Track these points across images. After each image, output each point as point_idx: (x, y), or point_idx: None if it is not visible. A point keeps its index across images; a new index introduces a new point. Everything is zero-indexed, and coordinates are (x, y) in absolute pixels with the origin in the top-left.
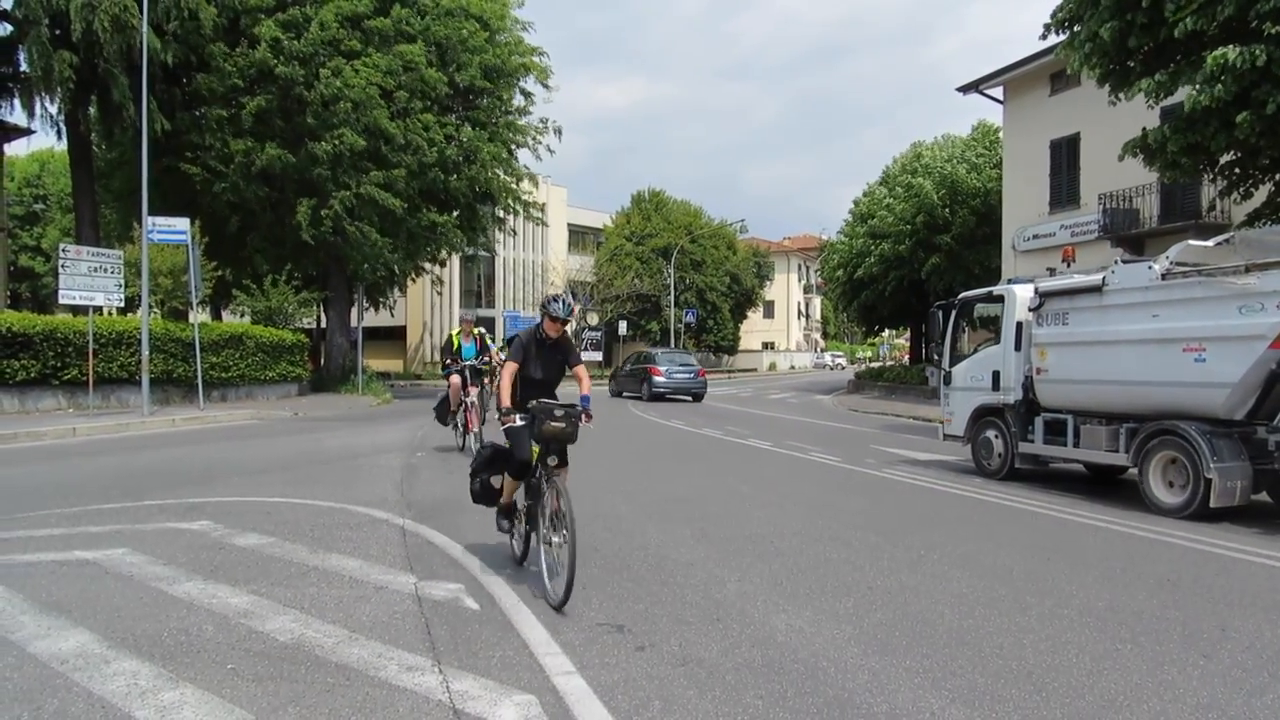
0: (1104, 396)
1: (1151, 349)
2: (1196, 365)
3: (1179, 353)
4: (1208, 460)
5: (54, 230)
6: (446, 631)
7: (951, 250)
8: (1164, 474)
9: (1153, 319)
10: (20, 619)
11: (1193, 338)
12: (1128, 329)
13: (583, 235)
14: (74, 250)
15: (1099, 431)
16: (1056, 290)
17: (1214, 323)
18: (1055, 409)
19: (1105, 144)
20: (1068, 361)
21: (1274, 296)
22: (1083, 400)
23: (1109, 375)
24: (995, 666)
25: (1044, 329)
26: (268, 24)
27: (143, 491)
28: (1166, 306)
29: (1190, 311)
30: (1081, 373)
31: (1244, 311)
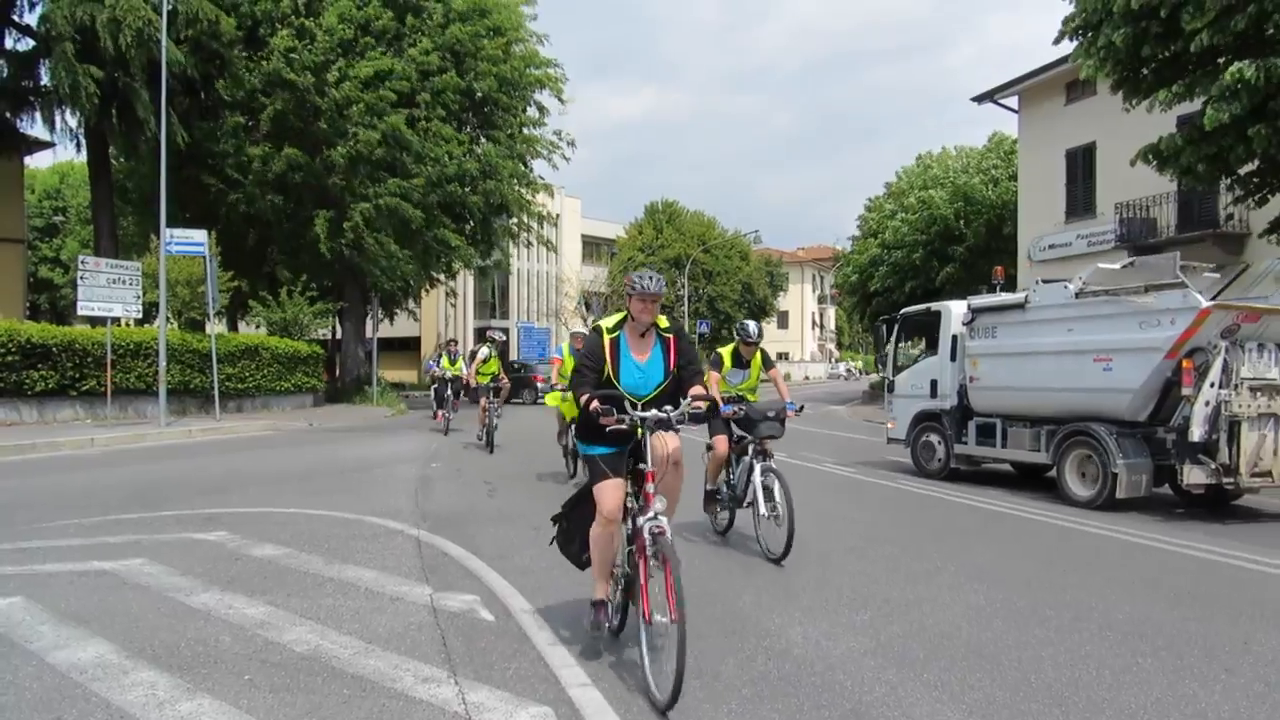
0: (1028, 402)
1: (1067, 359)
2: (1105, 373)
3: (1090, 362)
4: (1115, 457)
5: (73, 242)
6: (462, 643)
7: (966, 260)
8: (1078, 470)
9: (1068, 333)
10: (40, 629)
11: (1102, 349)
12: (1047, 342)
13: (597, 246)
14: (93, 262)
15: (1023, 433)
16: (987, 307)
17: (1119, 336)
18: (986, 414)
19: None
20: (996, 371)
21: (1168, 314)
22: (1010, 405)
23: (1032, 383)
24: (1014, 680)
25: (976, 342)
26: (281, 34)
27: (160, 502)
28: (1079, 322)
29: (1099, 326)
30: (1008, 381)
31: (1143, 326)
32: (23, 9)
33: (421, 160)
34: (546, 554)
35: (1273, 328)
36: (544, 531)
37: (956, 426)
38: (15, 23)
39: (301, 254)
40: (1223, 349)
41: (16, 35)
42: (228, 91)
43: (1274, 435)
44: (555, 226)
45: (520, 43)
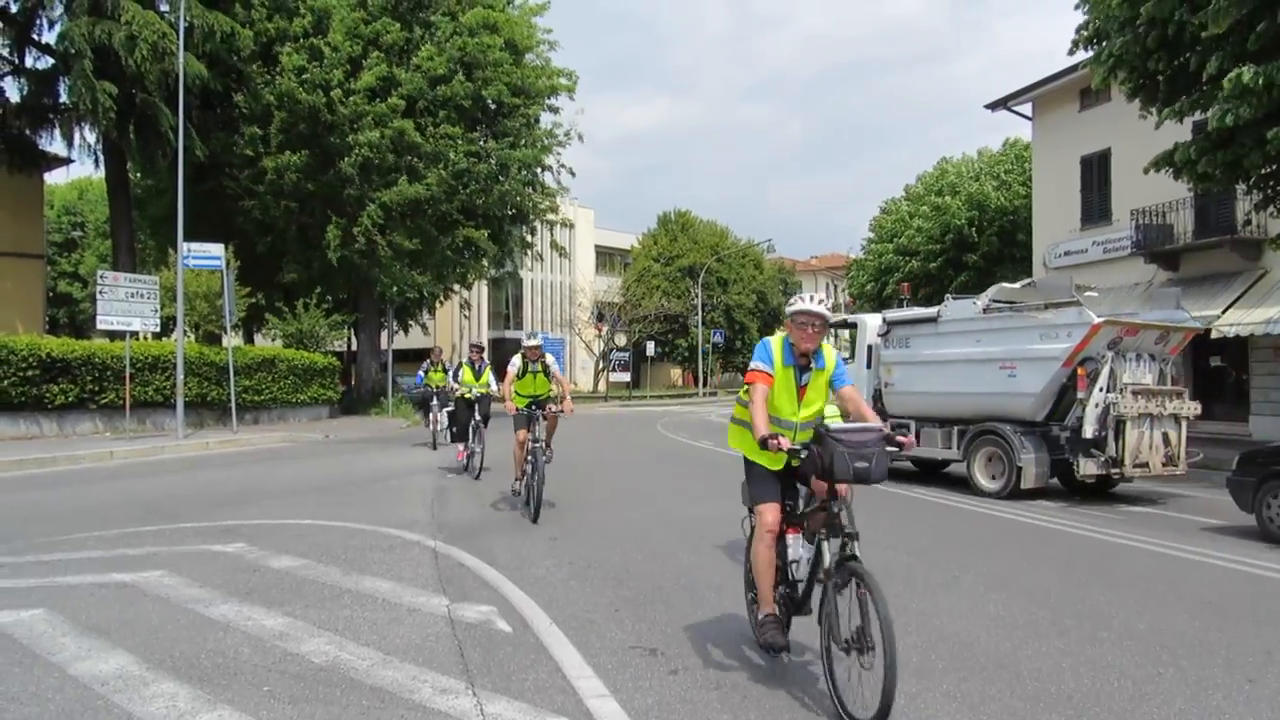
0: (940, 405)
1: (976, 367)
2: (1009, 379)
3: (997, 369)
4: (1019, 452)
5: (91, 256)
6: (480, 654)
7: (980, 268)
8: (986, 465)
9: (976, 344)
10: (61, 641)
11: (1007, 358)
12: (957, 351)
13: (610, 256)
14: (111, 276)
15: (935, 433)
16: (901, 320)
17: (1022, 347)
18: (900, 416)
19: (1137, 159)
20: (910, 377)
21: (1065, 328)
22: (923, 408)
23: (943, 388)
24: (1034, 691)
25: (891, 351)
26: (291, 55)
27: (178, 514)
28: (987, 334)
29: (1005, 338)
30: (921, 386)
31: (1043, 339)
32: (42, 28)
33: (433, 162)
34: (563, 564)
35: (1146, 340)
36: (560, 541)
37: None
38: (35, 41)
39: (315, 265)
40: (1109, 358)
41: (36, 54)
42: (245, 105)
43: (1150, 432)
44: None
45: (532, 51)
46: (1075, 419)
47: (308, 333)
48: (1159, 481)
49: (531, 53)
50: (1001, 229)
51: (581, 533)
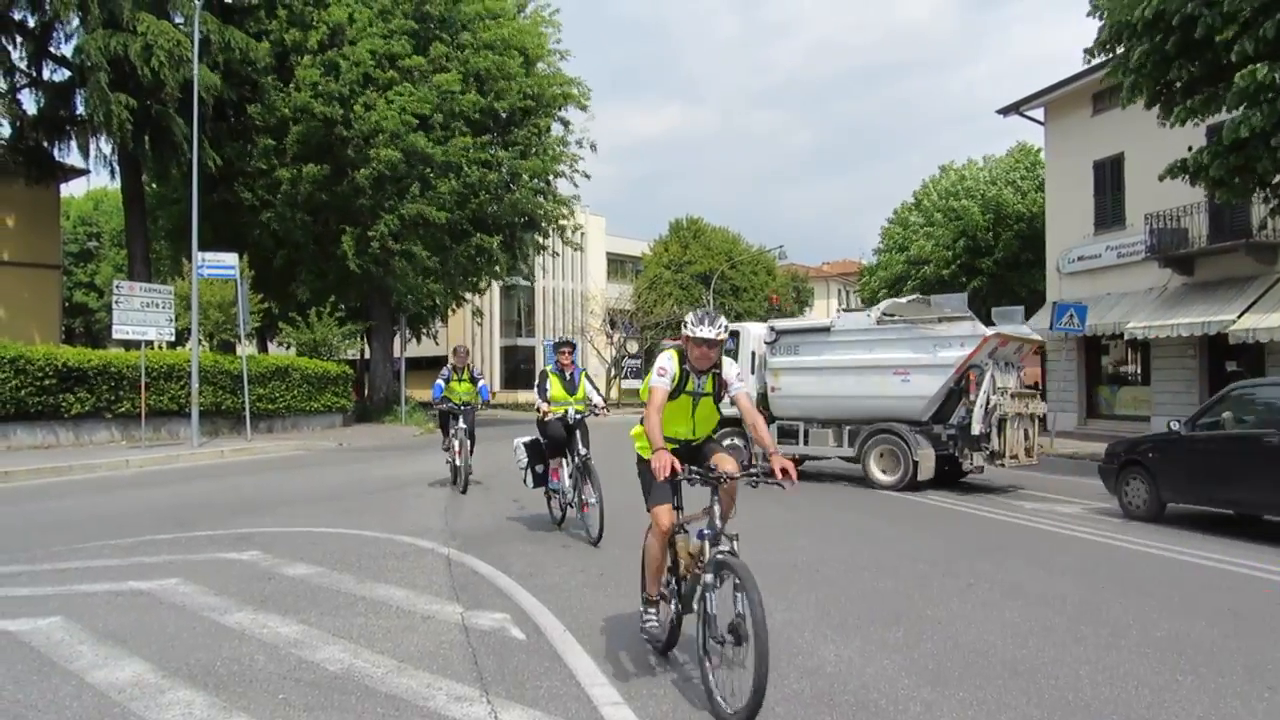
0: (830, 407)
1: (870, 373)
2: (903, 384)
3: (890, 375)
4: (915, 449)
5: (107, 266)
6: (494, 662)
7: (995, 274)
8: (879, 461)
9: (870, 352)
10: (79, 648)
11: (901, 365)
12: (851, 358)
13: (622, 263)
14: (127, 286)
15: (825, 433)
16: (790, 329)
17: (917, 355)
18: (787, 418)
19: (1150, 164)
20: (798, 382)
21: (957, 339)
22: (811, 410)
23: (835, 392)
24: (1050, 699)
25: (779, 358)
26: (307, 69)
27: (194, 522)
28: (880, 344)
29: (899, 347)
30: (811, 390)
31: (937, 348)
32: (59, 40)
33: (445, 173)
34: (576, 572)
35: (1010, 350)
36: (573, 549)
37: None
38: (52, 54)
39: (329, 274)
40: (991, 365)
41: (53, 66)
42: (260, 117)
43: (1020, 429)
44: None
45: (543, 61)
46: (960, 418)
47: (321, 341)
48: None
49: (542, 62)
50: (1019, 233)
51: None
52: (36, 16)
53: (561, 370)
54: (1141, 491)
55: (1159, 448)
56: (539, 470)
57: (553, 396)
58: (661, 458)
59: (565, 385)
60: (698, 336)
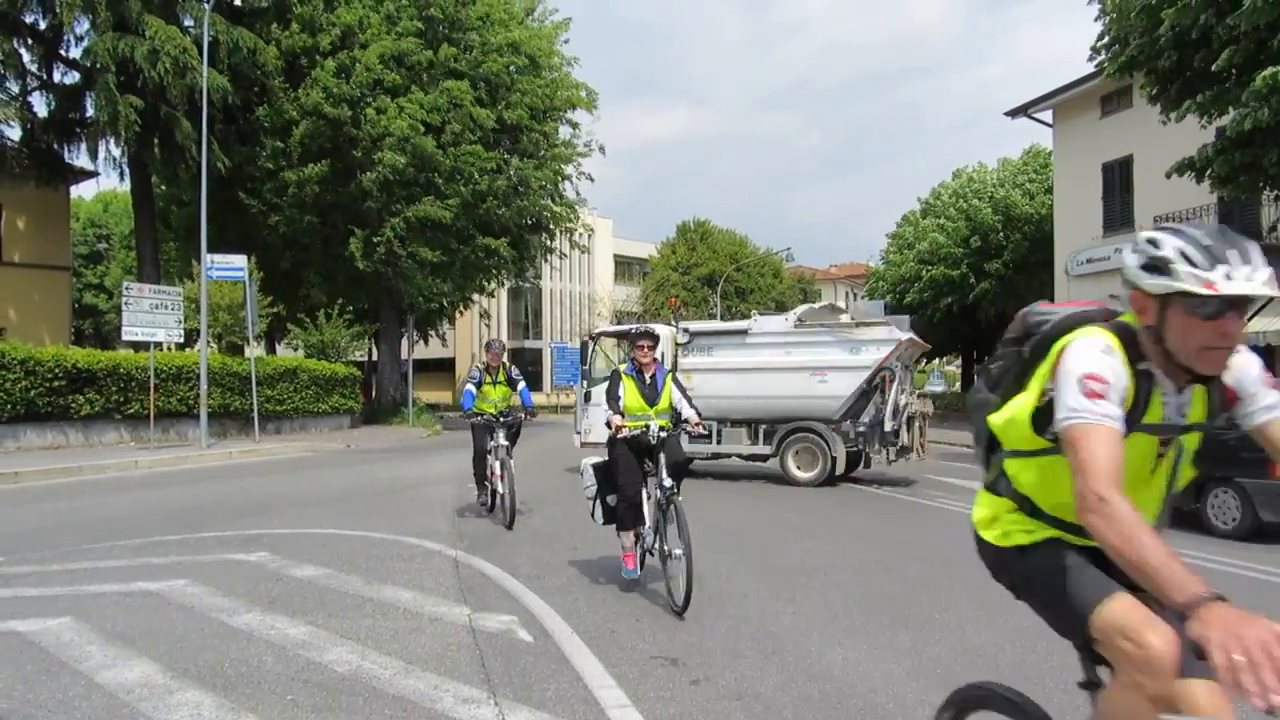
0: (746, 407)
1: (788, 374)
2: (821, 385)
3: (808, 376)
4: (833, 446)
5: (116, 268)
6: (501, 664)
7: (1003, 275)
8: (795, 458)
9: (787, 354)
10: (88, 649)
11: (818, 366)
12: (769, 360)
13: (629, 266)
14: (136, 288)
15: (739, 432)
16: (705, 331)
17: (834, 357)
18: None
19: (1159, 166)
20: (712, 383)
21: (873, 343)
22: (726, 410)
23: (752, 392)
24: (1061, 703)
25: (692, 358)
26: (321, 71)
27: (202, 523)
28: (798, 346)
29: (816, 350)
30: (726, 391)
31: (854, 350)
32: (69, 43)
33: (453, 179)
34: (584, 574)
35: (911, 353)
36: (581, 551)
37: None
38: (62, 56)
39: (337, 276)
40: (899, 367)
41: (63, 69)
42: (267, 119)
43: (919, 425)
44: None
45: (552, 69)
46: (872, 416)
47: (329, 343)
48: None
49: (550, 68)
50: (1027, 235)
51: (602, 543)
52: (47, 19)
53: (639, 371)
54: None
55: None
56: (612, 502)
57: (627, 407)
58: None
59: (644, 391)
60: None
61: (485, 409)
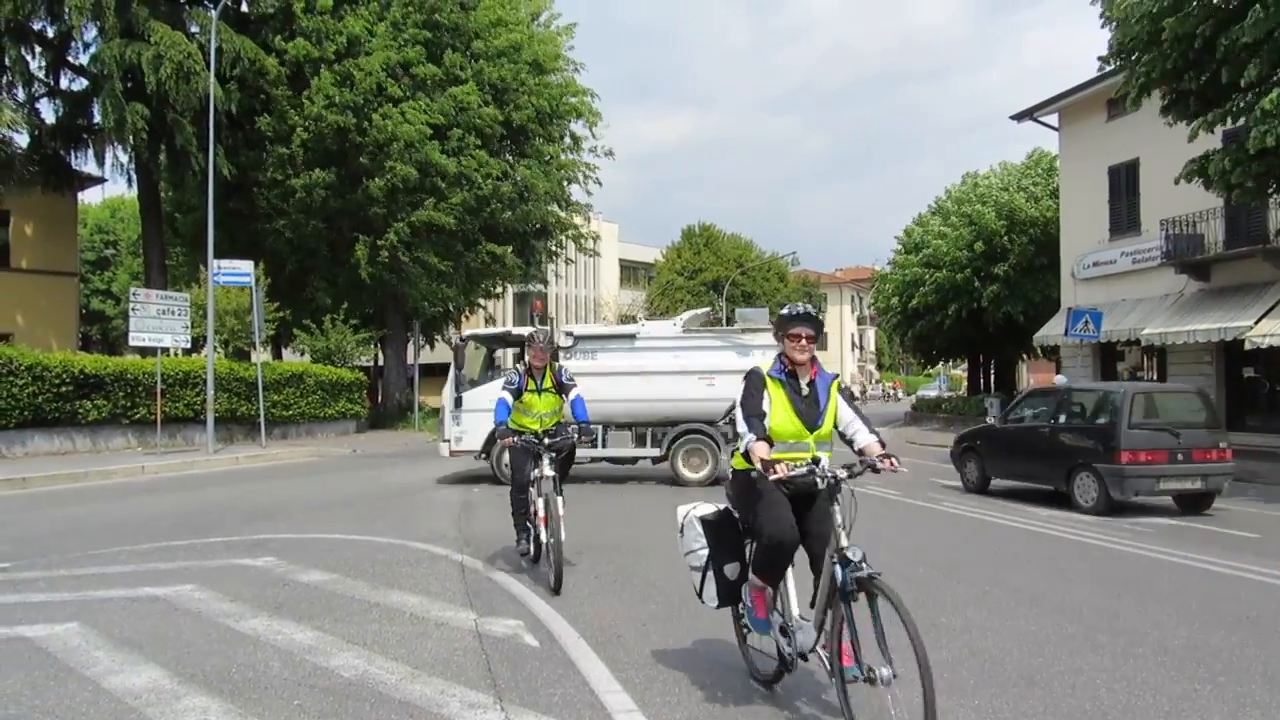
0: (633, 410)
1: (678, 378)
2: (708, 388)
3: (696, 380)
4: (723, 447)
5: (124, 274)
6: (507, 669)
7: (1010, 279)
8: (686, 460)
9: (676, 358)
10: (95, 654)
11: (707, 370)
12: (658, 364)
13: (634, 270)
14: (144, 294)
15: (624, 435)
16: (591, 335)
17: (722, 361)
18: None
19: (1166, 169)
20: (597, 387)
21: (760, 348)
22: (611, 414)
23: (640, 396)
24: (1067, 708)
25: (576, 362)
26: (322, 80)
27: (209, 528)
28: (687, 351)
29: (705, 355)
30: (612, 394)
31: (740, 354)
32: (77, 50)
33: (457, 184)
34: (590, 579)
35: None
36: (586, 556)
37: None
38: (70, 63)
39: (342, 281)
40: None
41: (71, 76)
42: (270, 128)
43: None
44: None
45: (557, 73)
46: None
47: (335, 348)
48: None
49: (556, 73)
50: (1033, 239)
51: (608, 547)
52: (55, 27)
53: (792, 373)
54: (974, 470)
55: (983, 436)
56: (730, 573)
57: (775, 429)
58: None
59: (799, 405)
60: None
61: (526, 425)
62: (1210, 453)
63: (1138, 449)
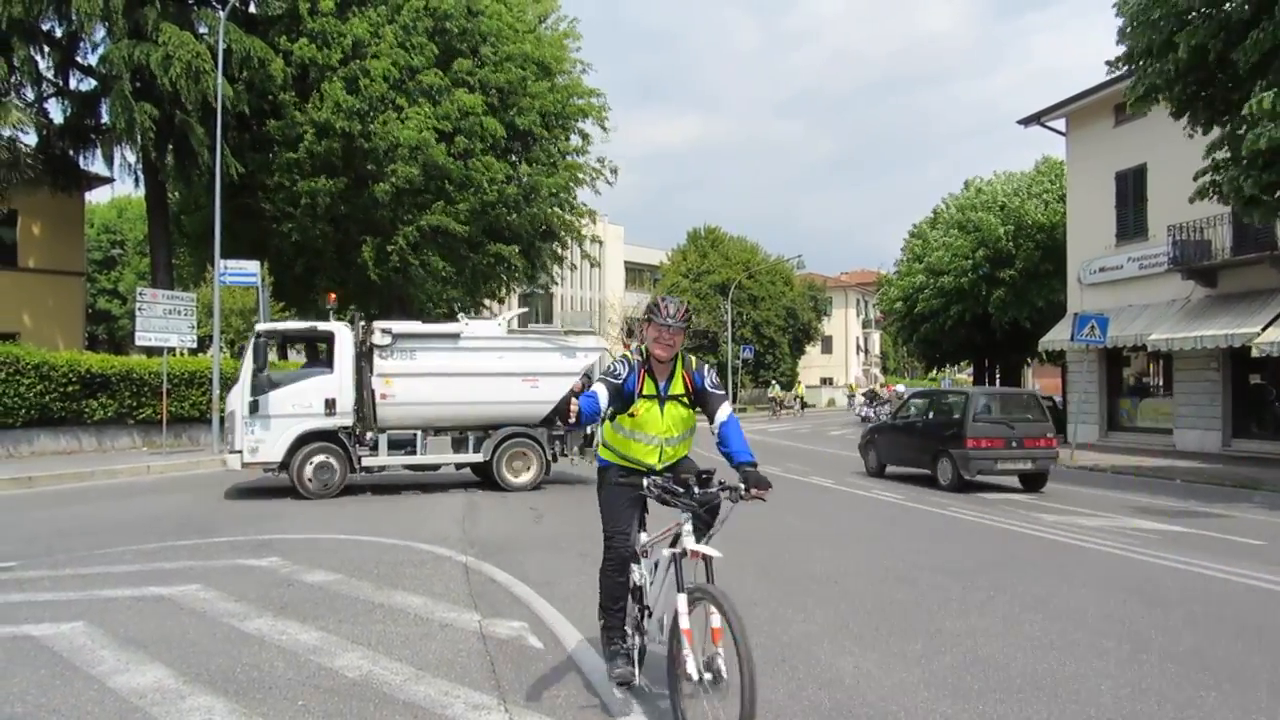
0: (453, 414)
1: (502, 380)
2: (532, 390)
3: (519, 382)
4: (549, 450)
5: (130, 273)
6: (511, 670)
7: (1015, 284)
8: (510, 464)
9: (500, 359)
10: (100, 654)
11: (530, 373)
12: (481, 365)
13: (640, 272)
14: (150, 294)
15: (443, 440)
16: (411, 333)
17: (546, 363)
18: (401, 427)
19: (1173, 175)
20: (416, 389)
21: (584, 350)
22: (430, 417)
23: (462, 398)
24: (1072, 713)
25: (392, 362)
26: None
27: (213, 528)
28: (511, 352)
29: (529, 356)
30: (432, 397)
31: (564, 356)
32: (85, 50)
33: (464, 187)
34: (593, 581)
35: None
36: (591, 557)
37: (359, 441)
38: (78, 64)
39: (349, 282)
40: (590, 372)
41: (79, 76)
42: (278, 132)
43: None
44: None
45: (564, 74)
46: None
47: None
48: None
49: (563, 75)
50: (1040, 244)
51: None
52: (64, 27)
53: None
54: (873, 458)
55: (880, 431)
56: None
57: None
58: None
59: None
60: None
61: (635, 455)
62: (1039, 441)
63: (980, 438)
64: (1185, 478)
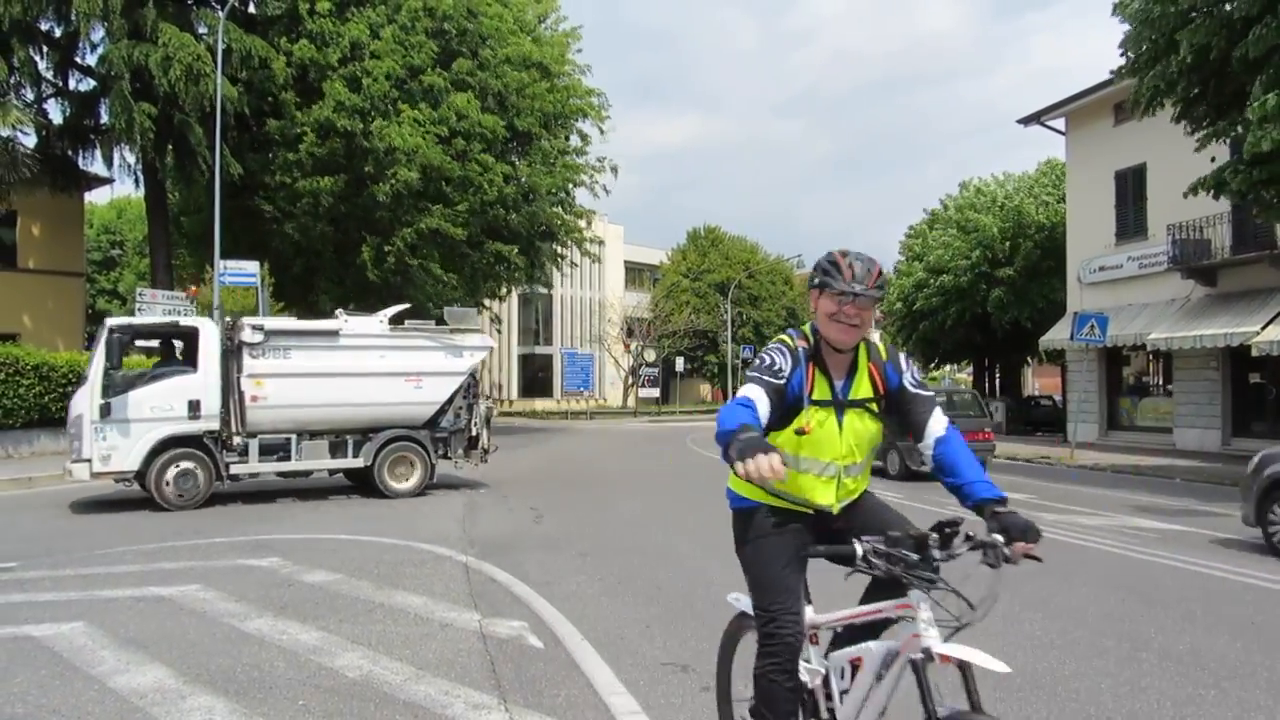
0: (331, 416)
1: (382, 380)
2: (416, 390)
3: (402, 382)
4: (434, 453)
5: (130, 274)
6: (511, 670)
7: (1015, 283)
8: (393, 469)
9: (381, 358)
10: (101, 654)
11: (413, 372)
12: (361, 364)
13: (639, 272)
14: (150, 294)
15: (320, 444)
16: (285, 330)
17: (430, 362)
18: (274, 431)
19: (1173, 174)
20: (291, 390)
21: (469, 349)
22: (306, 421)
23: (341, 400)
24: (1071, 711)
25: (264, 361)
26: (333, 84)
27: (214, 529)
28: (393, 350)
29: (413, 355)
30: (308, 399)
31: (450, 356)
32: (85, 51)
33: (464, 188)
34: (594, 580)
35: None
36: (591, 558)
37: (226, 447)
38: (77, 64)
39: (348, 282)
40: (475, 371)
41: (78, 76)
42: (278, 132)
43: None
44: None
45: (563, 76)
46: (453, 421)
47: None
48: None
49: (563, 76)
50: (1039, 243)
51: (612, 549)
52: (63, 27)
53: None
54: None
55: None
56: None
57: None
58: None
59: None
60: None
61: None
62: (977, 435)
63: None
64: (1185, 477)
